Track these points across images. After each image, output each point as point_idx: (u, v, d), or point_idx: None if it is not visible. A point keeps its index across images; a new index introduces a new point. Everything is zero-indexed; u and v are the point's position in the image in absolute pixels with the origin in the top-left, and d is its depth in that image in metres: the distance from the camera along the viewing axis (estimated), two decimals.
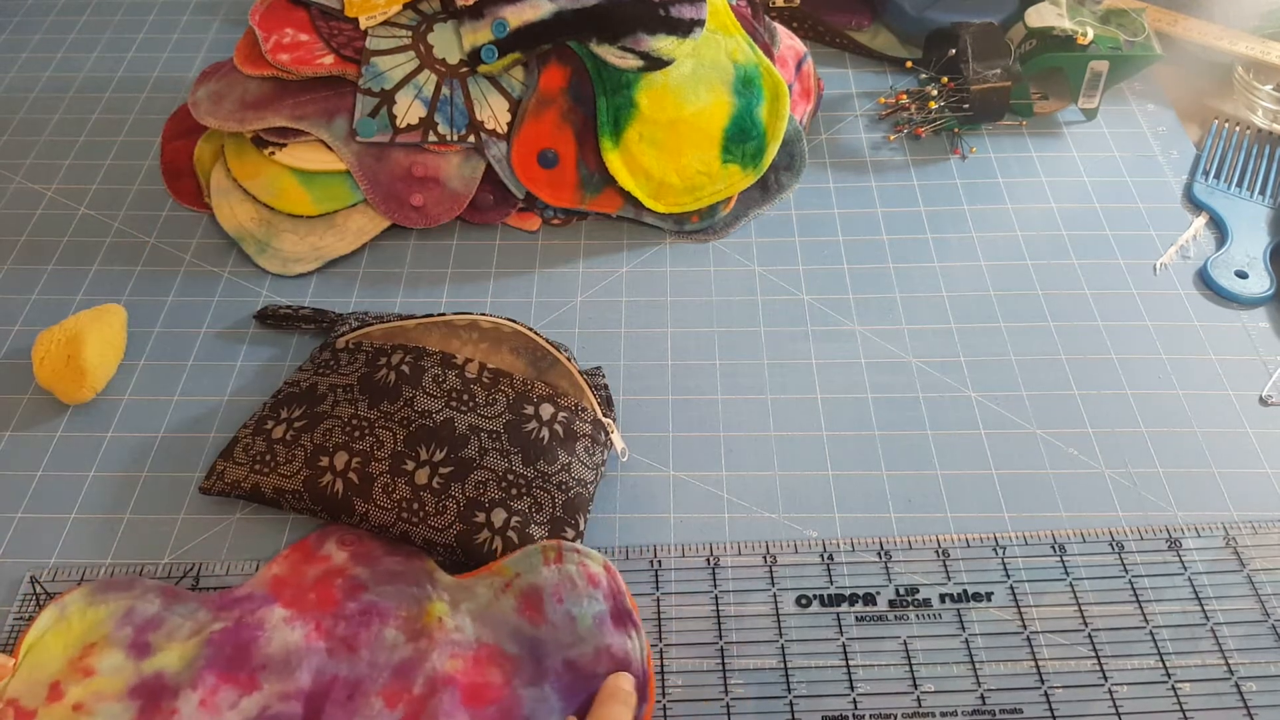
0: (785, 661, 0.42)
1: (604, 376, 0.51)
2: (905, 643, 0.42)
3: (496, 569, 0.41)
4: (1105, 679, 0.41)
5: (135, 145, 0.66)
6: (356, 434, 0.45)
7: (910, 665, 0.41)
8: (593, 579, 0.40)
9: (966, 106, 0.63)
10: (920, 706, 0.40)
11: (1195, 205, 0.61)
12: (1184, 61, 0.70)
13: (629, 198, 0.58)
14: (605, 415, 0.48)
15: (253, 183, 0.58)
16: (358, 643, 0.40)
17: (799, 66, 0.63)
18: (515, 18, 0.54)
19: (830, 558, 0.45)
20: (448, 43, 0.56)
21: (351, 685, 0.38)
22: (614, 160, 0.56)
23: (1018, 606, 0.43)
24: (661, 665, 0.41)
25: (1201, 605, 0.43)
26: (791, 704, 0.40)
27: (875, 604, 0.43)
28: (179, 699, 0.38)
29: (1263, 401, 0.50)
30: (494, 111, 0.56)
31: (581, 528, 0.44)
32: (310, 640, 0.40)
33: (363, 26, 0.56)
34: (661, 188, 0.57)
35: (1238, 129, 0.65)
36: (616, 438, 0.48)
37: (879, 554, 0.45)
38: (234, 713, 0.38)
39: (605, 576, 0.41)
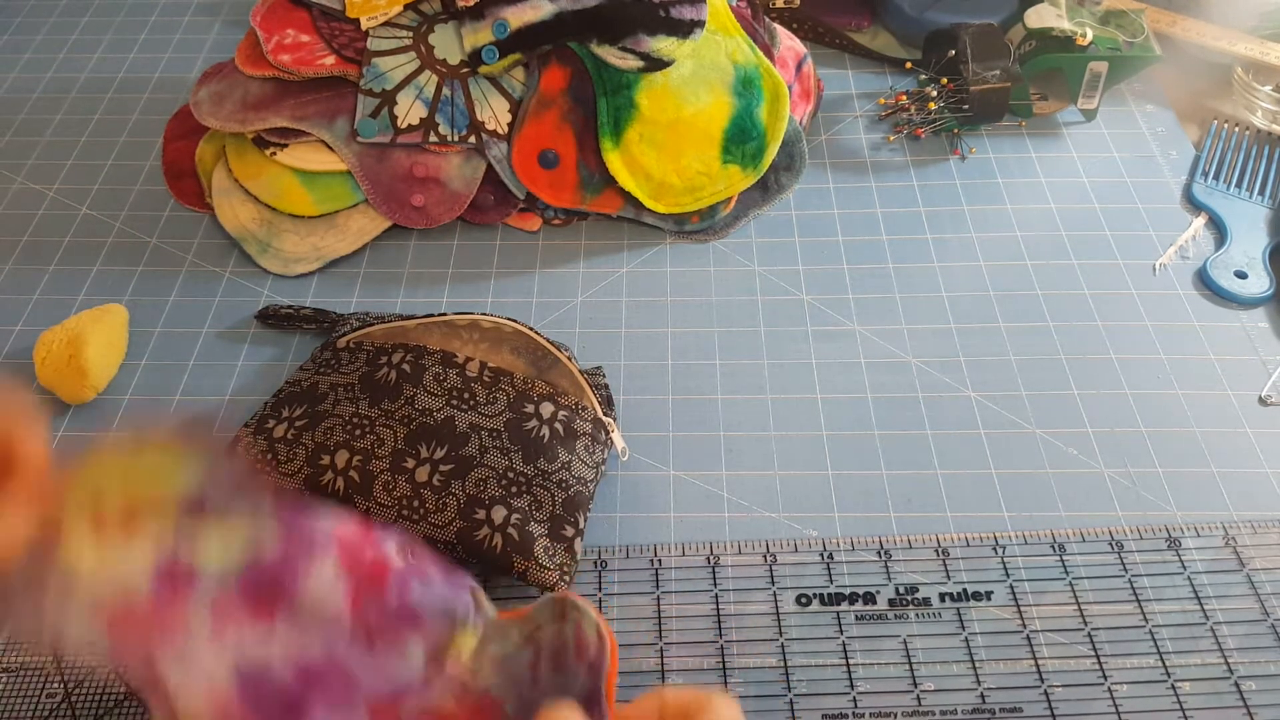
0: (785, 660, 0.42)
1: (604, 376, 0.51)
2: (905, 642, 0.42)
3: (527, 616, 0.38)
4: (1105, 678, 0.41)
5: (137, 146, 0.66)
6: (357, 432, 0.45)
7: (910, 664, 0.41)
8: (581, 647, 0.37)
9: (966, 107, 0.63)
10: (920, 705, 0.40)
11: (1194, 205, 0.61)
12: (1183, 62, 0.70)
13: (629, 198, 0.58)
14: (605, 414, 0.48)
15: (254, 183, 0.58)
16: (380, 641, 0.37)
17: (799, 67, 0.63)
18: (516, 18, 0.54)
19: (830, 557, 0.45)
20: (449, 43, 0.56)
21: (349, 682, 0.37)
22: (614, 161, 0.57)
23: (1017, 606, 0.43)
24: (662, 664, 0.41)
25: (1201, 605, 0.43)
26: (791, 703, 0.40)
27: (875, 603, 0.43)
28: (196, 593, 0.34)
29: (1262, 401, 0.51)
30: (495, 112, 0.56)
31: (581, 525, 0.44)
32: (341, 613, 0.36)
33: (364, 27, 0.57)
34: (662, 188, 0.58)
35: (1237, 129, 0.65)
36: (617, 437, 0.48)
37: (879, 553, 0.45)
38: (236, 635, 0.34)
39: (595, 646, 0.37)
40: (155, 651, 0.33)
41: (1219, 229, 0.59)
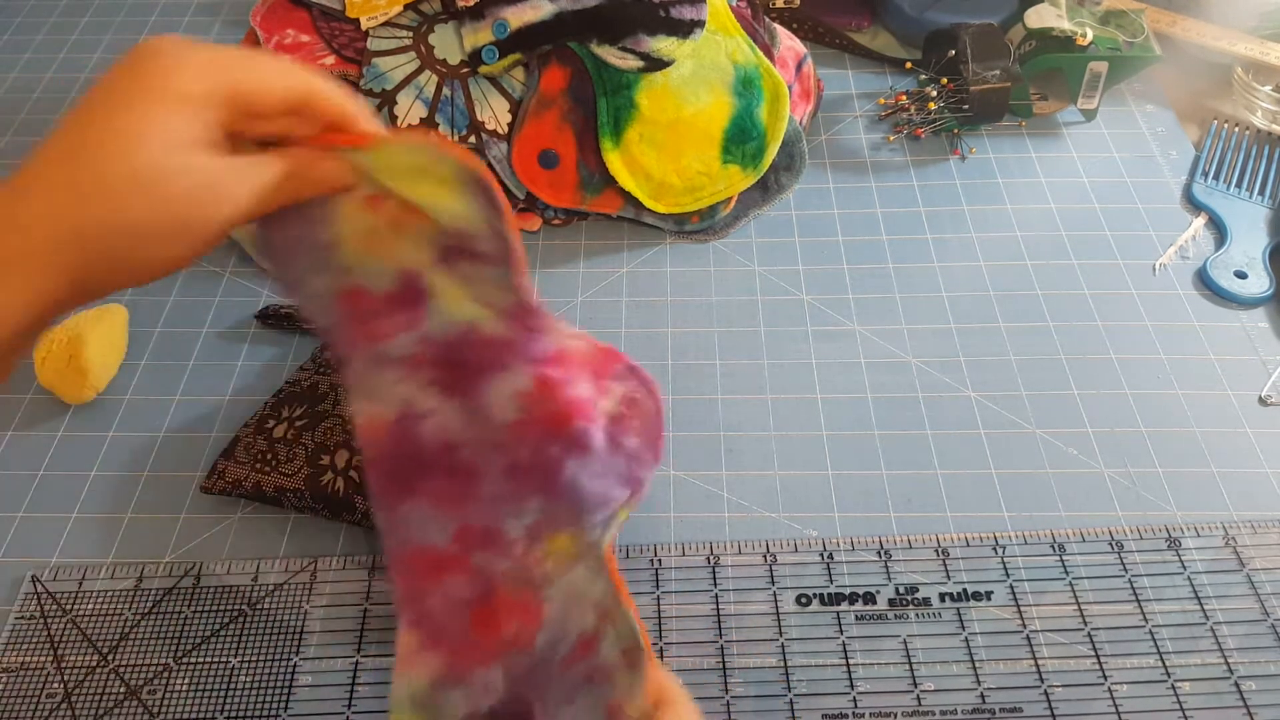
0: (785, 660, 0.42)
1: None
2: (905, 642, 0.42)
3: (618, 598, 0.35)
4: (1105, 678, 0.41)
5: None
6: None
7: (910, 664, 0.41)
8: (613, 712, 0.34)
9: (966, 107, 0.63)
10: (920, 705, 0.40)
11: (1194, 205, 0.61)
12: (1183, 62, 0.70)
13: (629, 198, 0.58)
14: None
15: None
16: (511, 480, 0.34)
17: (799, 67, 0.63)
18: (516, 18, 0.54)
19: (830, 557, 0.45)
20: (448, 43, 0.56)
21: (467, 490, 0.34)
22: (614, 161, 0.57)
23: (1017, 606, 0.43)
24: (662, 664, 0.41)
25: (1201, 605, 0.43)
26: (791, 703, 0.40)
27: (875, 603, 0.43)
28: (423, 317, 0.34)
29: (1262, 401, 0.51)
30: (494, 112, 0.56)
31: None
32: (502, 431, 0.34)
33: (364, 27, 0.57)
34: (661, 188, 0.58)
35: (1237, 129, 0.65)
36: None
37: (879, 553, 0.45)
38: (419, 386, 0.34)
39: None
40: (357, 349, 0.34)
41: (1219, 229, 0.59)
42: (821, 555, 0.45)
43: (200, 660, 0.42)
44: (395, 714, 0.34)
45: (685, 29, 0.55)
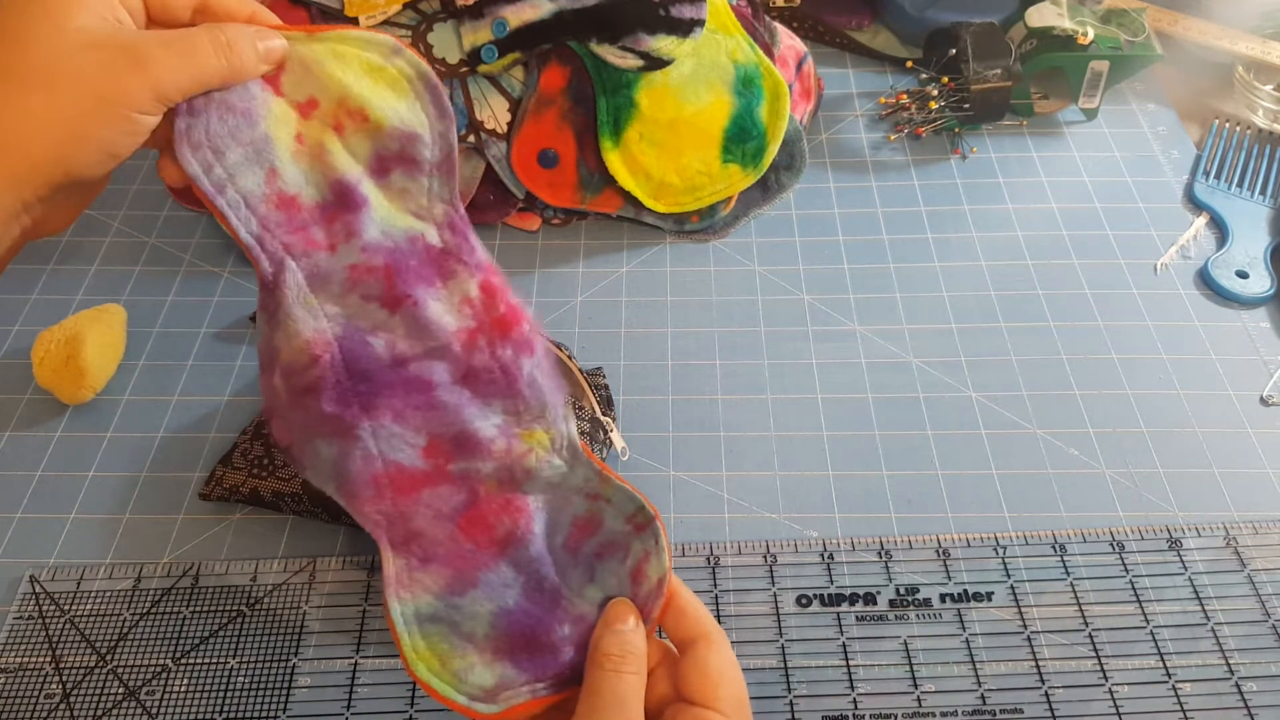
0: (785, 661, 0.42)
1: (604, 377, 0.50)
2: (905, 642, 0.42)
3: (605, 478, 0.35)
4: (1106, 679, 0.41)
5: None
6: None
7: (910, 665, 0.41)
8: (637, 575, 0.35)
9: (967, 106, 0.63)
10: (920, 706, 0.40)
11: (1196, 205, 0.60)
12: (1184, 61, 0.70)
13: (629, 198, 0.58)
14: (605, 415, 0.48)
15: None
16: (472, 383, 0.34)
17: (799, 66, 0.63)
18: (515, 17, 0.54)
19: (830, 557, 0.45)
20: (447, 43, 0.56)
21: (429, 399, 0.34)
22: (614, 160, 0.56)
23: (1018, 606, 0.43)
24: None
25: (1202, 605, 0.43)
26: (791, 704, 0.40)
27: (875, 604, 0.43)
28: (360, 226, 0.34)
29: (1263, 401, 0.50)
30: (494, 111, 0.56)
31: None
32: (451, 338, 0.34)
33: (362, 26, 0.56)
34: (661, 188, 0.57)
35: (1238, 129, 0.65)
36: (616, 437, 0.48)
37: (879, 554, 0.45)
38: (359, 301, 0.33)
39: (649, 586, 0.34)
40: (292, 255, 0.33)
41: (1220, 228, 0.59)
42: (822, 556, 0.45)
43: (199, 661, 0.42)
44: (404, 638, 0.33)
45: (685, 28, 0.55)
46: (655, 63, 0.55)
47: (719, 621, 0.42)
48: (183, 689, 0.41)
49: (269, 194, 0.33)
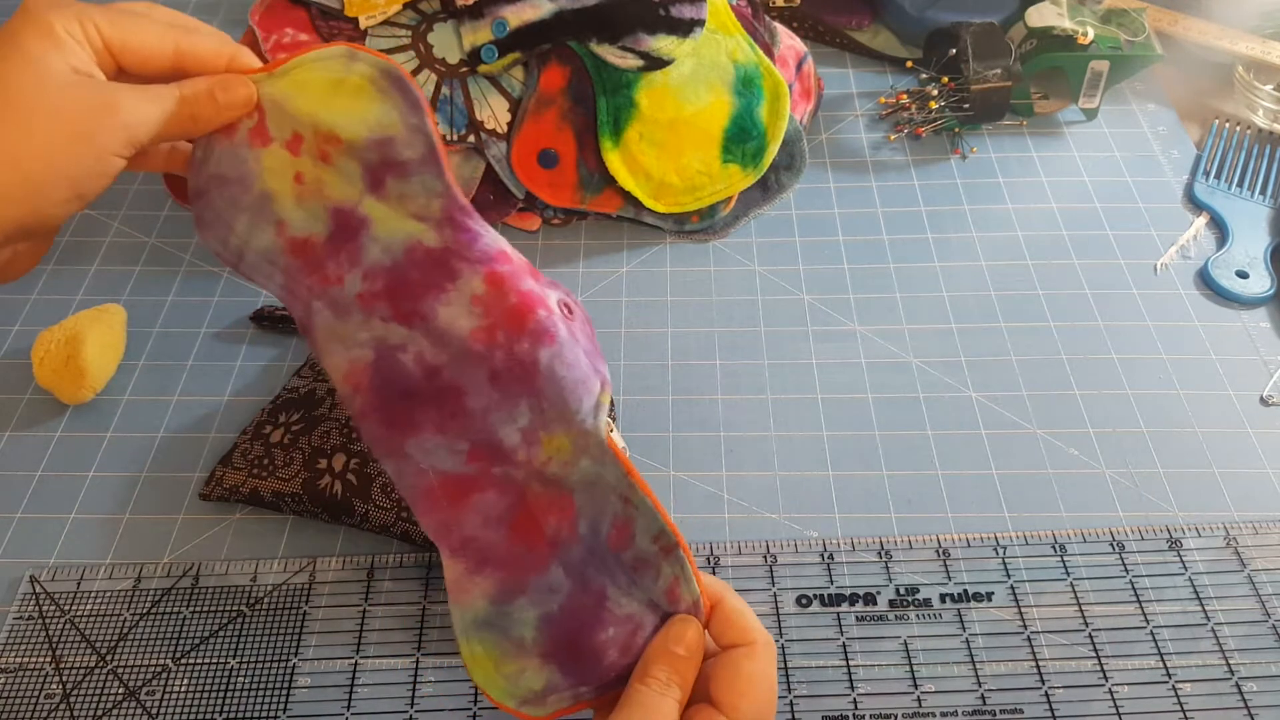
0: (785, 661, 0.42)
1: None
2: (905, 643, 0.42)
3: (632, 485, 0.34)
4: (1106, 679, 0.41)
5: None
6: (354, 435, 0.45)
7: (910, 665, 0.41)
8: (671, 595, 0.34)
9: (967, 106, 0.63)
10: (920, 706, 0.40)
11: (1196, 205, 0.60)
12: (1184, 61, 0.70)
13: (629, 198, 0.58)
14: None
15: None
16: (497, 384, 0.34)
17: (799, 66, 0.63)
18: (515, 17, 0.54)
19: (830, 557, 0.45)
20: (447, 42, 0.56)
21: (463, 408, 0.34)
22: (614, 160, 0.56)
23: (1018, 606, 0.43)
24: None
25: (1202, 605, 0.43)
26: (792, 704, 0.40)
27: (875, 604, 0.43)
28: (360, 251, 0.34)
29: (1263, 401, 0.50)
30: (494, 111, 0.56)
31: None
32: (467, 340, 0.34)
33: (362, 26, 0.56)
34: (661, 188, 0.57)
35: (1238, 129, 0.64)
36: (616, 437, 0.47)
37: (879, 554, 0.45)
38: (382, 318, 0.34)
39: (685, 607, 0.34)
40: (317, 299, 0.34)
41: (1220, 228, 0.59)
42: (822, 556, 0.45)
43: (199, 661, 0.42)
44: (463, 644, 0.34)
45: (685, 28, 0.55)
46: (655, 63, 0.55)
47: None
48: (183, 689, 0.41)
49: (283, 244, 0.34)
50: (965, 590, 0.44)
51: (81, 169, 0.30)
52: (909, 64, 0.69)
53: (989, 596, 0.43)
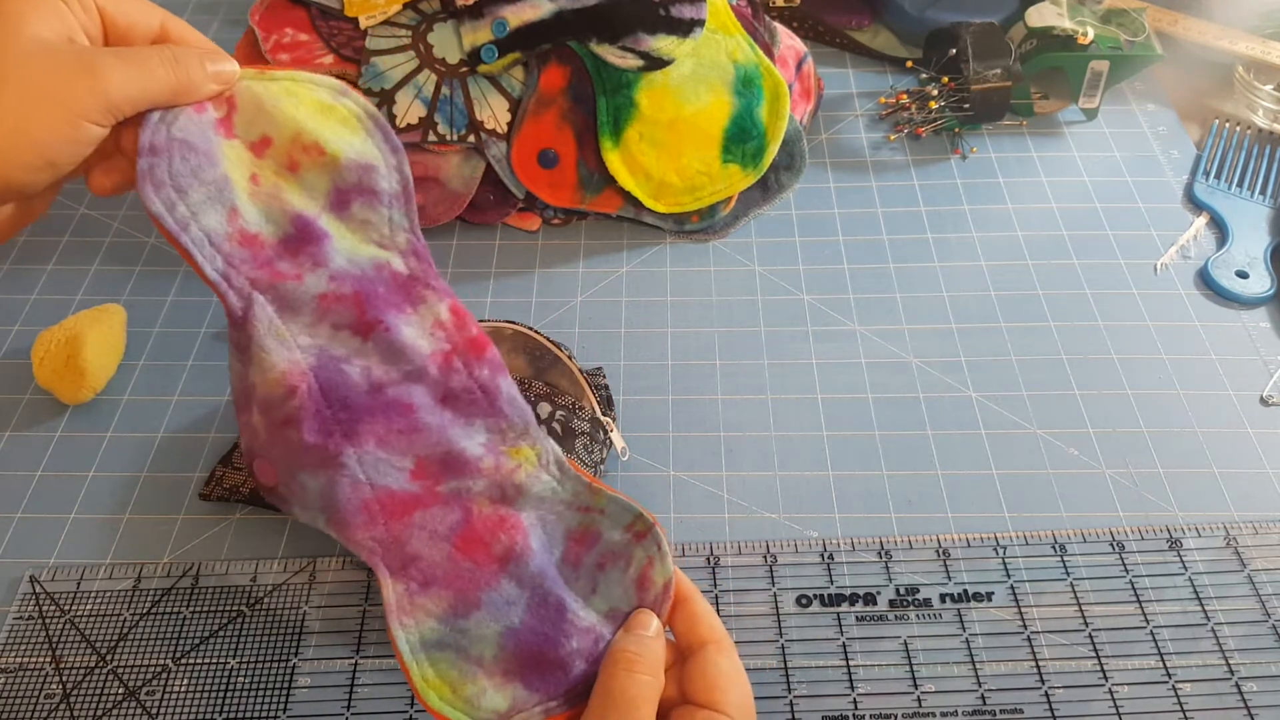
0: (785, 661, 0.42)
1: (604, 377, 0.50)
2: (905, 643, 0.42)
3: (596, 490, 0.36)
4: (1106, 679, 0.41)
5: None
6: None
7: (910, 665, 0.41)
8: (643, 584, 0.34)
9: (967, 106, 0.63)
10: (920, 706, 0.40)
11: (1196, 205, 0.60)
12: (1184, 61, 0.70)
13: (629, 198, 0.58)
14: (605, 414, 0.48)
15: None
16: (453, 405, 0.35)
17: (799, 66, 0.63)
18: (515, 17, 0.54)
19: (830, 557, 0.45)
20: (447, 42, 0.56)
21: (411, 424, 0.34)
22: (614, 160, 0.56)
23: (1018, 606, 0.43)
24: None
25: (1202, 605, 0.43)
26: (791, 704, 0.40)
27: (875, 604, 0.43)
28: (325, 256, 0.34)
29: (1263, 401, 0.50)
30: (494, 111, 0.56)
31: None
32: (427, 361, 0.34)
33: (362, 26, 0.56)
34: (661, 188, 0.57)
35: (1238, 129, 0.64)
36: (616, 437, 0.48)
37: (879, 554, 0.45)
38: (331, 330, 0.34)
39: (655, 591, 0.34)
40: (259, 289, 0.34)
41: (1220, 228, 0.59)
42: (822, 556, 0.45)
43: (199, 661, 0.42)
44: (413, 668, 0.33)
45: (685, 28, 0.55)
46: (655, 63, 0.55)
47: None
48: (183, 689, 0.41)
49: (232, 232, 0.33)
50: (965, 590, 0.44)
51: (52, 134, 0.29)
52: (909, 64, 0.69)
53: (989, 596, 0.43)
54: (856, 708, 0.40)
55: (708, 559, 0.45)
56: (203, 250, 0.33)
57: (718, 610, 0.43)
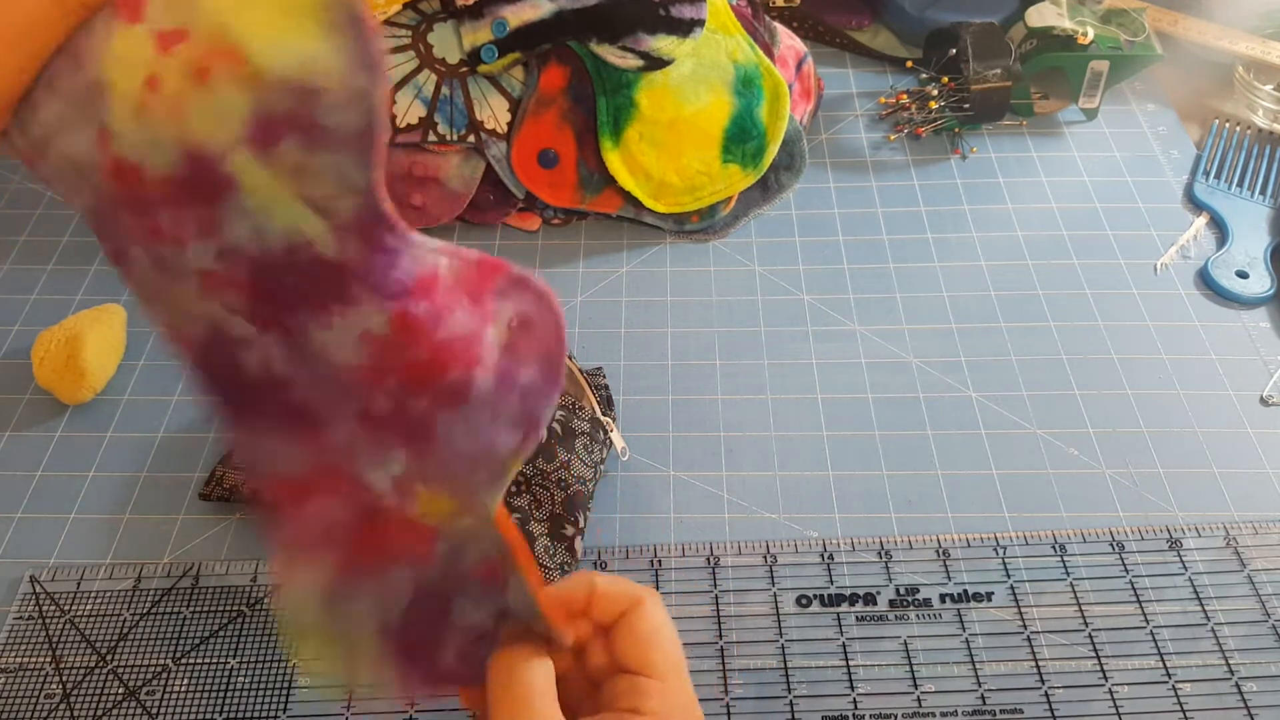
0: (785, 661, 0.42)
1: (604, 377, 0.50)
2: (905, 643, 0.42)
3: (516, 562, 0.29)
4: (1105, 679, 0.41)
5: None
6: None
7: (910, 665, 0.41)
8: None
9: (967, 106, 0.63)
10: (920, 706, 0.40)
11: (1196, 205, 0.60)
12: (1184, 61, 0.70)
13: (629, 198, 0.58)
14: (605, 415, 0.48)
15: None
16: (373, 425, 0.27)
17: (799, 66, 0.63)
18: (515, 17, 0.54)
19: (830, 557, 0.45)
20: (447, 42, 0.56)
21: (313, 428, 0.27)
22: (614, 160, 0.56)
23: (1018, 606, 0.43)
24: None
25: (1202, 605, 0.43)
26: (791, 704, 0.40)
27: (875, 604, 0.43)
28: (219, 222, 0.24)
29: (1263, 401, 0.50)
30: (494, 111, 0.56)
31: (582, 525, 0.44)
32: (349, 370, 0.26)
33: None
34: (661, 187, 0.57)
35: (1238, 129, 0.64)
36: (617, 437, 0.48)
37: (879, 554, 0.45)
38: (231, 302, 0.25)
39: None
40: (133, 245, 0.25)
41: (1220, 228, 0.59)
42: (822, 556, 0.45)
43: (199, 661, 0.42)
44: (294, 632, 0.29)
45: (685, 28, 0.55)
46: (655, 63, 0.55)
47: (719, 622, 0.43)
48: (183, 689, 0.41)
49: (103, 163, 0.24)
50: (965, 590, 0.44)
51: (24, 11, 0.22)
52: (909, 64, 0.69)
53: (989, 596, 0.43)
54: (856, 708, 0.40)
55: (708, 559, 0.45)
56: (67, 182, 0.25)
57: (717, 610, 0.43)
